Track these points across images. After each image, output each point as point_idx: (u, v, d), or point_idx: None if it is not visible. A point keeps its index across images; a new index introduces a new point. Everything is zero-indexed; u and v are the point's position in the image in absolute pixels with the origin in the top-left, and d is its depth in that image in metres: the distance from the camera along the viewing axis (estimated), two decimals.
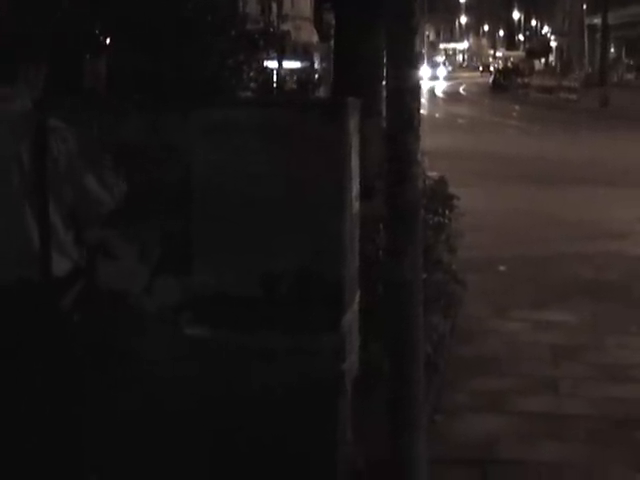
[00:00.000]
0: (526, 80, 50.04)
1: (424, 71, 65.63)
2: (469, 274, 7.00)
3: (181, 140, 3.49)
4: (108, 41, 3.34)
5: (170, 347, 3.65)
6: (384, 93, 3.62)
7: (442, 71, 75.37)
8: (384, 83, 3.70)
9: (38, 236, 2.86)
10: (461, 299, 6.02)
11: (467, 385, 4.87)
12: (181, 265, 3.60)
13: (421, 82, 3.35)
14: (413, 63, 3.39)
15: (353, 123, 3.57)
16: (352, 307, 3.70)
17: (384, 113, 3.58)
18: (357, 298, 3.82)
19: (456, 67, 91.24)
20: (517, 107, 34.82)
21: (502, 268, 7.63)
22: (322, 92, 8.25)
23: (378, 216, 4.30)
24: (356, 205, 3.76)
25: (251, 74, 5.32)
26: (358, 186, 3.77)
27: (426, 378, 4.62)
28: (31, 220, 2.85)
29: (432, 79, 62.31)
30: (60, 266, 2.92)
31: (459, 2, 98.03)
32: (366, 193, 4.21)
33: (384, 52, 3.73)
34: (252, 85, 5.30)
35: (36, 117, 2.88)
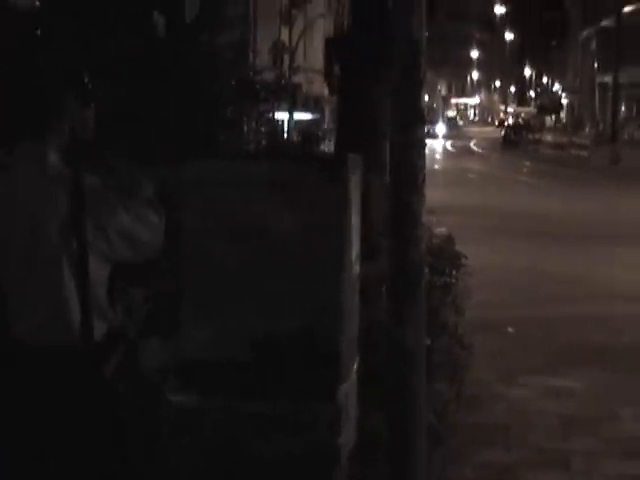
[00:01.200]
0: (537, 136, 50.19)
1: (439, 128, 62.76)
2: (476, 335, 6.76)
3: (169, 194, 3.29)
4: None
5: (156, 415, 3.42)
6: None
7: (441, 128, 63.69)
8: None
9: (78, 300, 2.67)
10: (468, 364, 5.76)
11: (472, 458, 4.61)
12: (168, 326, 3.38)
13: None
14: (418, 118, 3.20)
15: (354, 180, 3.36)
16: (350, 376, 3.46)
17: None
18: (356, 366, 3.58)
19: (467, 122, 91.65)
20: (527, 163, 34.74)
21: (510, 330, 7.38)
22: (327, 146, 8.10)
23: (382, 277, 4.08)
24: (356, 267, 3.53)
25: (256, 125, 5.16)
26: (359, 246, 3.55)
27: (429, 449, 4.36)
28: (70, 283, 2.66)
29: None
30: (100, 330, 2.74)
31: (471, 58, 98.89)
32: (369, 252, 4.00)
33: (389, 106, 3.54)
34: (257, 137, 5.14)
35: (69, 174, 2.71)
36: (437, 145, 46.41)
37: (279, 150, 4.99)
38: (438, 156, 39.70)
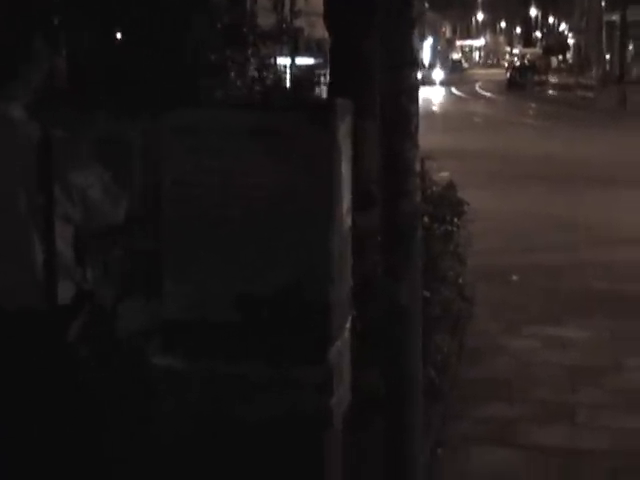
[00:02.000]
0: (543, 77, 49.49)
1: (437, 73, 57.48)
2: (479, 284, 6.59)
3: (148, 144, 3.09)
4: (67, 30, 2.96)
5: (139, 379, 3.25)
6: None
7: (439, 73, 58.07)
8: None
9: (43, 260, 2.49)
10: (470, 315, 5.60)
11: (474, 413, 4.46)
12: (149, 287, 3.20)
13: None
14: (409, 59, 2.98)
15: (343, 127, 3.15)
16: (342, 335, 3.29)
17: None
18: (348, 324, 3.40)
19: (472, 64, 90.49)
20: (533, 105, 34.26)
21: (514, 277, 7.20)
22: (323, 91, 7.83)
23: (376, 229, 3.89)
24: (348, 220, 3.34)
25: (246, 72, 4.93)
26: (350, 198, 3.35)
27: (429, 405, 4.22)
28: (37, 243, 2.48)
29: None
30: (66, 292, 2.56)
31: None
32: (363, 203, 3.80)
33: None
34: (247, 84, 4.91)
35: (37, 128, 2.50)
36: (441, 88, 45.86)
37: (266, 97, 4.76)
38: (442, 99, 39.20)
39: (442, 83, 51.72)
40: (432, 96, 38.34)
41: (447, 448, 4.03)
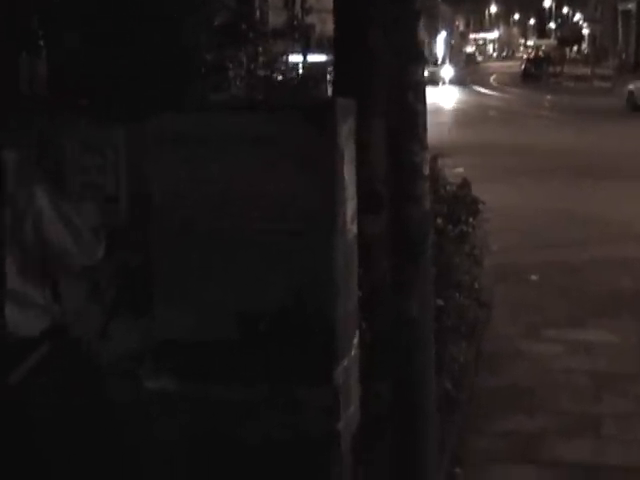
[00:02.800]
0: (558, 69, 49.01)
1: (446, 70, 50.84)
2: (497, 285, 6.35)
3: (133, 154, 2.86)
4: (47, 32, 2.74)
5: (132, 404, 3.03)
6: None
7: (448, 70, 51.51)
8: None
9: None
10: (487, 320, 5.35)
11: (493, 426, 4.22)
12: (140, 305, 2.97)
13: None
14: (415, 55, 2.74)
15: (345, 128, 2.91)
16: (349, 353, 3.05)
17: None
18: (356, 339, 3.17)
19: (486, 57, 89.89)
20: (549, 97, 33.85)
21: (534, 277, 6.93)
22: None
23: (385, 233, 3.63)
24: (353, 227, 3.10)
25: (247, 72, 4.70)
26: (355, 203, 3.11)
27: (445, 419, 3.98)
28: None
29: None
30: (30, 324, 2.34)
31: None
32: (371, 205, 3.56)
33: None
34: (247, 84, 4.69)
35: None
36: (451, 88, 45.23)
37: (266, 98, 4.53)
38: (457, 93, 38.86)
39: (452, 82, 46.43)
40: (444, 91, 38.07)
41: (465, 466, 3.79)
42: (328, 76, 9.05)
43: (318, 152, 2.81)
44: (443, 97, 33.52)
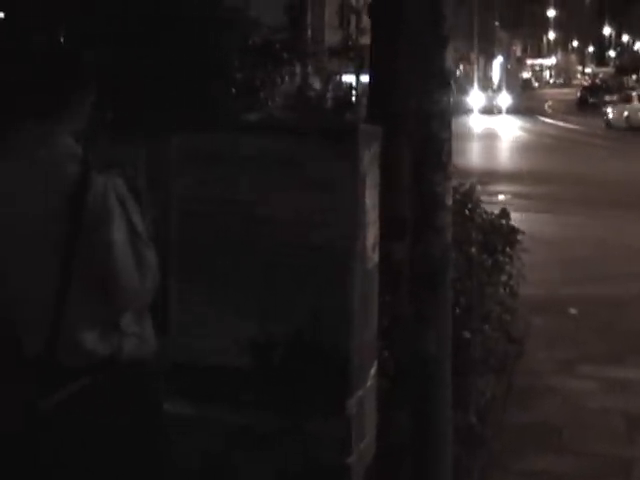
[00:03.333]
0: (615, 97, 48.36)
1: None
2: (533, 317, 6.21)
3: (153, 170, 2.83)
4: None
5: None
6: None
7: (505, 99, 46.50)
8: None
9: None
10: (520, 354, 5.22)
11: (518, 465, 4.09)
12: (155, 327, 2.92)
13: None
14: (442, 81, 2.67)
15: (368, 154, 2.84)
16: (364, 384, 2.97)
17: None
18: (374, 370, 3.08)
19: (543, 83, 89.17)
20: (604, 125, 33.41)
21: (572, 311, 6.76)
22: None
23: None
24: (374, 256, 3.02)
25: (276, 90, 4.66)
26: (377, 232, 3.04)
27: (468, 454, 3.87)
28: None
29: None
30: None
31: (547, 17, 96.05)
32: (398, 232, 3.48)
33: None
34: (280, 104, 4.64)
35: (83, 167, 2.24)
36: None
37: (295, 119, 4.49)
38: (512, 121, 38.54)
39: (509, 111, 43.42)
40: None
41: None
42: None
43: (339, 176, 2.75)
44: (498, 122, 33.28)
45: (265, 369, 2.91)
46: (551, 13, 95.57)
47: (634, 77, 71.88)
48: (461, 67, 61.19)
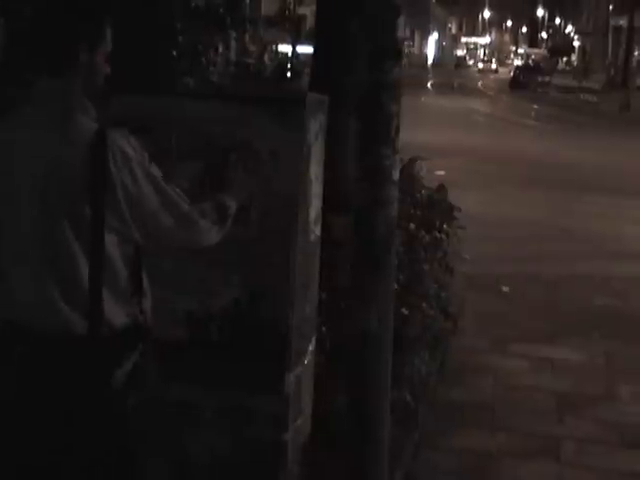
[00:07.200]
0: (547, 79, 48.98)
1: None
2: (467, 295, 6.23)
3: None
4: None
5: None
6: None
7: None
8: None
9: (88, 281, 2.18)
10: (453, 332, 5.22)
11: (451, 442, 4.08)
12: None
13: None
14: (392, 52, 2.59)
15: (314, 125, 2.76)
16: (302, 361, 2.91)
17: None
18: (312, 347, 3.02)
19: (476, 61, 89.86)
20: (535, 106, 33.81)
21: (505, 289, 6.81)
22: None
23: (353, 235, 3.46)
24: (315, 229, 2.96)
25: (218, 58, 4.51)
26: (320, 204, 2.97)
27: (402, 431, 3.84)
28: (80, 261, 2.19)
29: None
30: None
31: None
32: (340, 206, 3.40)
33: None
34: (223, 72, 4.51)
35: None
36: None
37: (236, 87, 4.35)
38: (442, 97, 38.75)
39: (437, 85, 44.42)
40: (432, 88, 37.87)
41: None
42: None
43: (283, 147, 2.66)
44: (429, 99, 33.46)
45: (202, 344, 2.83)
46: None
47: (565, 59, 73.05)
48: None
